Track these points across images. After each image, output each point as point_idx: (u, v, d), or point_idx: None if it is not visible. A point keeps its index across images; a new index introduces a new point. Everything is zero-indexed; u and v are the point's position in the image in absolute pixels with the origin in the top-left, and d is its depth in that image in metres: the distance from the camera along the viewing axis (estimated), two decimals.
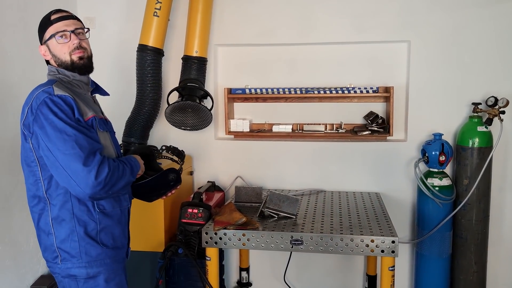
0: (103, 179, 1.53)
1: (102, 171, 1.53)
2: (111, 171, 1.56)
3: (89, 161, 1.52)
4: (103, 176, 1.53)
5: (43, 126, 1.54)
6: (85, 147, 1.53)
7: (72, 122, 1.55)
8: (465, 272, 2.76)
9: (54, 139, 1.53)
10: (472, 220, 2.72)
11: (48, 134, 1.53)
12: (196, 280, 2.59)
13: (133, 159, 1.77)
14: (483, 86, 2.83)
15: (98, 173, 1.52)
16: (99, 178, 1.53)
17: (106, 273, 1.71)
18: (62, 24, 1.68)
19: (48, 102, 1.55)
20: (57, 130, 1.53)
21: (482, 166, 2.66)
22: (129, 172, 1.68)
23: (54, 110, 1.54)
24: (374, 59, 3.01)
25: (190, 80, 2.92)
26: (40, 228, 1.70)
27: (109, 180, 1.56)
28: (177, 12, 3.08)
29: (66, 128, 1.53)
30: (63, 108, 1.56)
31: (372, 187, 3.01)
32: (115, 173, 1.58)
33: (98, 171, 1.52)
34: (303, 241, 2.16)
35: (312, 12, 2.97)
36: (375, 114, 3.02)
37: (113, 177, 1.58)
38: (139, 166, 1.77)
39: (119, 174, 1.61)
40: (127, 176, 1.66)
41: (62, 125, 1.53)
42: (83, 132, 1.56)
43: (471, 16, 2.81)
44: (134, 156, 1.81)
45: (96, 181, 1.52)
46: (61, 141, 1.52)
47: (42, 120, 1.54)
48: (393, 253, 2.10)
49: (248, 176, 3.13)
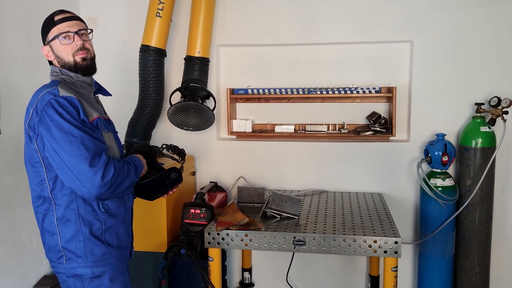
0: (109, 180, 1.55)
1: (108, 172, 1.55)
2: (116, 171, 1.57)
3: (95, 162, 1.53)
4: (109, 177, 1.55)
5: (48, 127, 1.55)
6: (91, 148, 1.54)
7: (78, 123, 1.56)
8: (468, 273, 2.76)
9: (60, 141, 1.53)
10: (475, 220, 2.71)
11: (54, 136, 1.54)
12: (198, 280, 2.59)
13: (137, 159, 1.78)
14: (486, 86, 2.83)
15: (104, 174, 1.54)
16: (105, 179, 1.54)
17: (111, 272, 1.72)
18: (65, 25, 1.68)
19: (54, 103, 1.56)
20: (63, 131, 1.53)
21: (485, 166, 2.65)
22: (134, 172, 1.69)
23: (59, 112, 1.55)
24: (377, 59, 3.01)
25: (192, 81, 2.92)
26: (44, 228, 1.70)
27: (115, 180, 1.57)
28: (180, 13, 3.08)
29: (72, 129, 1.54)
30: (68, 110, 1.56)
31: (375, 187, 3.00)
32: (120, 173, 1.60)
33: (104, 172, 1.54)
34: (305, 241, 2.16)
35: (315, 12, 2.97)
36: (378, 114, 3.01)
37: (119, 178, 1.59)
38: (142, 166, 1.78)
39: (124, 175, 1.62)
40: (131, 176, 1.67)
41: (68, 127, 1.54)
42: (89, 133, 1.57)
43: (474, 16, 2.80)
44: (137, 156, 1.81)
45: (102, 182, 1.53)
46: (67, 143, 1.53)
47: (48, 122, 1.55)
48: (396, 254, 2.09)
49: (251, 177, 3.13)
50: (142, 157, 1.84)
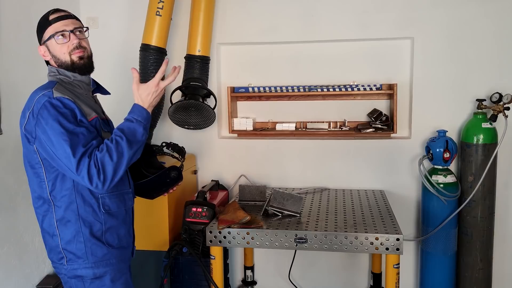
0: (98, 181, 1.51)
1: (92, 174, 1.50)
2: (100, 168, 1.51)
3: (80, 168, 1.51)
4: (96, 179, 1.51)
5: (45, 131, 1.54)
6: (77, 152, 1.51)
7: (70, 125, 1.53)
8: (471, 269, 2.75)
9: (56, 144, 1.53)
10: (477, 217, 2.71)
11: (51, 138, 1.53)
12: (201, 279, 2.60)
13: (126, 125, 1.63)
14: (487, 82, 2.82)
15: (91, 179, 1.51)
16: (94, 183, 1.51)
17: (112, 272, 1.71)
18: (60, 24, 1.66)
19: (48, 105, 1.54)
20: (56, 134, 1.52)
21: (487, 162, 2.65)
22: (127, 146, 1.57)
23: (52, 114, 1.53)
24: (378, 56, 3.00)
25: (193, 79, 2.92)
26: (44, 229, 1.70)
27: (105, 174, 1.52)
28: (180, 11, 3.07)
29: (63, 132, 1.52)
30: (62, 111, 1.55)
31: (376, 184, 3.00)
32: (106, 166, 1.52)
33: (89, 177, 1.50)
34: (307, 239, 2.16)
35: (315, 9, 2.96)
36: (379, 111, 3.00)
37: (108, 168, 1.52)
38: (141, 126, 1.64)
39: (115, 159, 1.54)
40: (125, 151, 1.56)
41: (59, 130, 1.52)
42: (81, 133, 1.54)
43: (475, 12, 2.79)
44: (134, 110, 1.68)
45: (93, 185, 1.52)
46: (59, 146, 1.52)
47: (44, 125, 1.54)
48: (397, 251, 2.09)
49: (252, 175, 3.13)
50: (139, 106, 1.69)
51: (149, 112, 1.69)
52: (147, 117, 1.68)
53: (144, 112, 1.67)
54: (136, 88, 1.69)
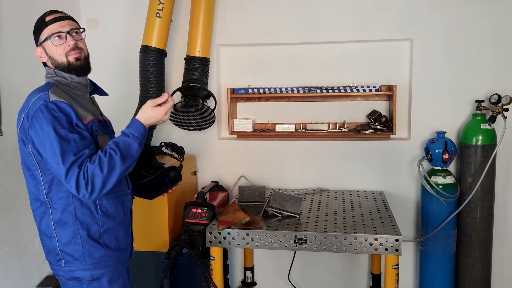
0: (87, 192, 1.51)
1: (80, 185, 1.50)
2: (89, 179, 1.50)
3: (68, 177, 1.50)
4: (84, 189, 1.50)
5: (37, 134, 1.54)
6: (67, 160, 1.50)
7: (63, 130, 1.53)
8: (470, 270, 2.76)
9: (47, 148, 1.53)
10: (476, 218, 2.72)
11: (43, 143, 1.53)
12: (200, 279, 2.60)
13: (122, 139, 1.60)
14: (486, 84, 2.83)
15: (78, 189, 1.50)
16: (81, 193, 1.51)
17: (109, 274, 1.70)
18: (57, 26, 1.65)
19: (43, 109, 1.54)
20: (49, 138, 1.52)
21: (486, 163, 2.66)
22: (120, 160, 1.55)
23: (47, 117, 1.53)
24: (377, 57, 3.01)
25: (193, 81, 2.93)
26: (42, 231, 1.70)
27: (94, 186, 1.51)
28: (180, 13, 3.08)
29: (55, 138, 1.51)
30: (57, 115, 1.54)
31: (376, 185, 3.01)
32: (95, 178, 1.51)
33: (77, 187, 1.50)
34: (306, 240, 2.16)
35: (315, 10, 2.97)
36: (378, 112, 3.01)
37: (97, 181, 1.51)
38: (136, 141, 1.61)
39: (106, 172, 1.52)
40: (117, 165, 1.54)
41: (52, 134, 1.51)
42: (70, 142, 1.53)
43: (474, 14, 2.80)
44: (132, 125, 1.65)
45: (80, 195, 1.52)
46: (52, 151, 1.52)
47: (37, 129, 1.54)
48: (397, 252, 2.10)
49: (252, 176, 3.14)
50: (139, 120, 1.66)
51: (147, 128, 1.67)
52: (144, 133, 1.65)
53: (142, 128, 1.64)
54: (149, 106, 1.67)
